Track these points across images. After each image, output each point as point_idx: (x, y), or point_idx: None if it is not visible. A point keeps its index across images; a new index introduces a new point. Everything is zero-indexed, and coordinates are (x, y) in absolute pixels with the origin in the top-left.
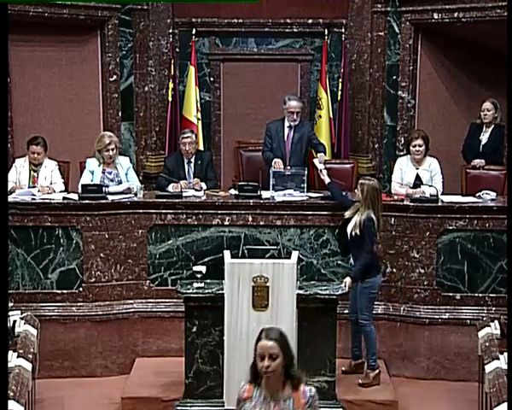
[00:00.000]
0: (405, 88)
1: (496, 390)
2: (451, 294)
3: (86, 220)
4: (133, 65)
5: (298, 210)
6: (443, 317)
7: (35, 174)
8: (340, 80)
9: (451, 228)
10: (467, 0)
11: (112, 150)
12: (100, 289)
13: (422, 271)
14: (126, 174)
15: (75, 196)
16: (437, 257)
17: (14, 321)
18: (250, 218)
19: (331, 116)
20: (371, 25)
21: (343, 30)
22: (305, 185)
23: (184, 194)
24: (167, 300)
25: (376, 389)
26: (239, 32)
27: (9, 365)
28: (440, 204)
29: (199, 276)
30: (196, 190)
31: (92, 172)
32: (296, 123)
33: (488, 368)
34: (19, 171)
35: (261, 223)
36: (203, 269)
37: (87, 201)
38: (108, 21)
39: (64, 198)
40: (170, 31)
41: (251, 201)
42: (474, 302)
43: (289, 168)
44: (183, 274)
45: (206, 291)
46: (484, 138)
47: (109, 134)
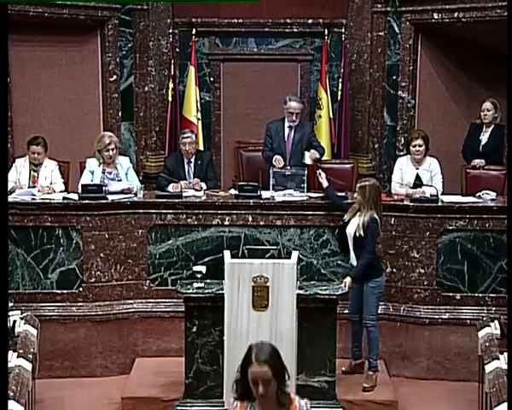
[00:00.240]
0: (405, 88)
1: (496, 390)
2: (451, 294)
3: (86, 220)
4: (133, 65)
5: (298, 210)
6: (443, 317)
7: (35, 174)
8: (340, 80)
9: (451, 228)
10: (467, 0)
11: (112, 150)
12: (100, 289)
13: (422, 271)
14: (126, 174)
15: (75, 196)
16: (437, 257)
17: (14, 321)
18: (250, 218)
19: (331, 116)
20: (371, 25)
21: (343, 30)
22: (305, 185)
23: (184, 194)
24: (167, 300)
25: (376, 389)
26: (239, 32)
27: (9, 365)
28: (440, 204)
29: (199, 276)
30: (196, 190)
31: (92, 172)
32: (295, 124)
33: (488, 368)
34: (19, 171)
35: (261, 223)
36: (203, 269)
37: (87, 201)
38: (108, 21)
39: (64, 198)
40: (170, 31)
41: (251, 201)
42: (474, 302)
43: (289, 168)
44: (183, 274)
45: (206, 291)
46: (484, 138)
47: (109, 134)
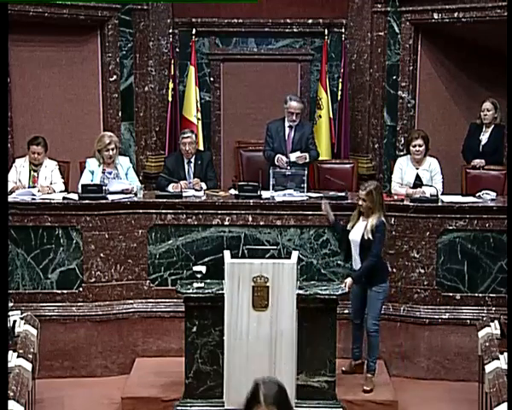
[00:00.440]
0: (405, 88)
1: (496, 390)
2: (451, 294)
3: (86, 220)
4: (133, 65)
5: (298, 210)
6: (443, 317)
7: (35, 174)
8: (340, 80)
9: (451, 228)
10: (467, 0)
11: (112, 150)
12: (100, 289)
13: (422, 271)
14: (126, 174)
15: (75, 196)
16: (437, 257)
17: (14, 321)
18: (250, 218)
19: (331, 116)
20: (371, 25)
21: (343, 30)
22: (305, 185)
23: (184, 194)
24: (167, 300)
25: (376, 389)
26: (239, 32)
27: (9, 365)
28: (440, 204)
29: (199, 276)
30: (196, 190)
31: (92, 172)
32: (295, 123)
33: (488, 368)
34: (19, 171)
35: (261, 223)
36: (203, 269)
37: (87, 201)
38: (108, 21)
39: (64, 198)
40: (170, 31)
41: (251, 201)
42: (474, 302)
43: (289, 168)
44: (183, 274)
45: (206, 291)
46: (484, 138)
47: (109, 134)
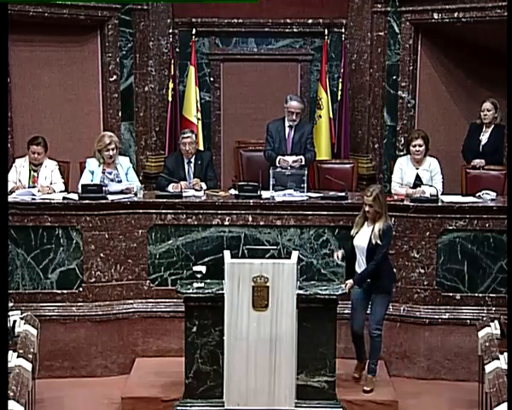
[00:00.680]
0: (405, 88)
1: (496, 390)
2: (451, 294)
3: (86, 220)
4: (133, 65)
5: (298, 210)
6: (443, 317)
7: (35, 174)
8: (340, 80)
9: (451, 228)
10: (467, 0)
11: (112, 150)
12: (100, 289)
13: (422, 271)
14: (126, 174)
15: (75, 196)
16: (437, 257)
17: (14, 321)
18: (250, 218)
19: (331, 116)
20: (371, 25)
21: (343, 30)
22: (305, 185)
23: (184, 194)
24: (167, 300)
25: (376, 389)
26: (239, 32)
27: (9, 365)
28: (440, 204)
29: (199, 276)
30: (196, 190)
31: (92, 172)
32: (295, 123)
33: (488, 368)
34: (19, 171)
35: (261, 223)
36: (203, 269)
37: (87, 201)
38: (108, 21)
39: (64, 198)
40: (170, 31)
41: (251, 201)
42: (474, 302)
43: (289, 168)
44: (183, 274)
45: (206, 291)
46: (484, 138)
47: (109, 134)
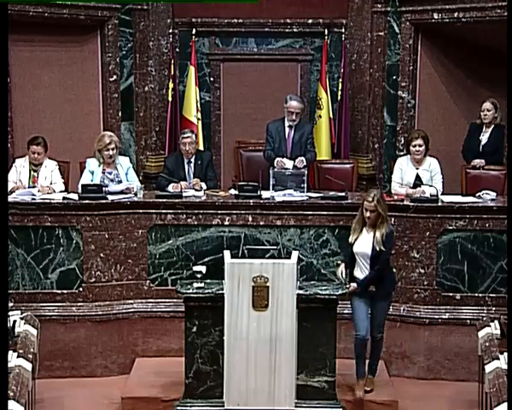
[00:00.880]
0: (405, 88)
1: (496, 390)
2: (451, 294)
3: (86, 220)
4: (133, 65)
5: (298, 210)
6: (443, 317)
7: (35, 174)
8: (340, 80)
9: (451, 228)
10: (467, 0)
11: (112, 150)
12: (100, 289)
13: (422, 271)
14: (126, 174)
15: (75, 196)
16: (437, 257)
17: (14, 321)
18: (250, 218)
19: (331, 116)
20: (371, 25)
21: (343, 30)
22: (305, 185)
23: (184, 194)
24: (167, 300)
25: (376, 389)
26: (239, 32)
27: (9, 365)
28: (440, 204)
29: (199, 276)
30: (196, 190)
31: (92, 172)
32: (295, 123)
33: (488, 368)
34: (19, 171)
35: (261, 223)
36: (203, 269)
37: (87, 201)
38: (108, 21)
39: (64, 198)
40: (170, 31)
41: (251, 201)
42: (474, 302)
43: (289, 168)
44: (183, 274)
45: (206, 291)
46: (484, 138)
47: (109, 134)
